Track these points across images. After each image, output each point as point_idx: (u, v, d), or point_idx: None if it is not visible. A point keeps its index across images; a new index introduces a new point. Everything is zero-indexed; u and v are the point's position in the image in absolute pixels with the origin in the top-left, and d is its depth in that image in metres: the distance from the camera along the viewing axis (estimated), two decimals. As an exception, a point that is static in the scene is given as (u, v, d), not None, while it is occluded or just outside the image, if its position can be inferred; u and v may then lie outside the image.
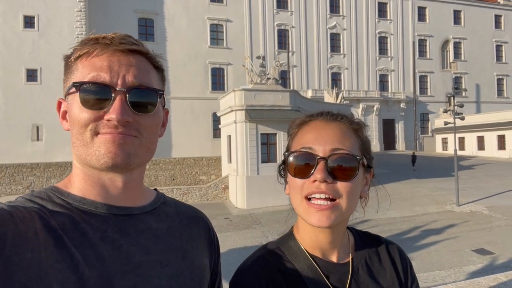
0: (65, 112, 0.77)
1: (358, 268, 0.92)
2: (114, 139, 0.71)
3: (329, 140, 0.84)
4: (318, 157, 0.82)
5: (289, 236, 0.97)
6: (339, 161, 0.82)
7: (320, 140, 0.84)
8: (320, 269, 0.89)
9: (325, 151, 0.83)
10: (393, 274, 0.95)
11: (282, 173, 0.95)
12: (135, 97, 0.73)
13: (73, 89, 0.72)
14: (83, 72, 0.73)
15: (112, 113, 0.70)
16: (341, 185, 0.82)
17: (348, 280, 0.89)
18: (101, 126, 0.71)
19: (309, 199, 0.83)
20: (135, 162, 0.74)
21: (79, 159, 0.75)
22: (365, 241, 1.00)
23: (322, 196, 0.81)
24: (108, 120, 0.71)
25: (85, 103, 0.71)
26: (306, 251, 0.91)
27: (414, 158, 29.03)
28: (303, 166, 0.83)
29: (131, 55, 0.75)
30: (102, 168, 0.73)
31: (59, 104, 0.79)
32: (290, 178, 0.87)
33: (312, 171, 0.81)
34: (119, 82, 0.72)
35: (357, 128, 0.90)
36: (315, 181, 0.81)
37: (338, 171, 0.81)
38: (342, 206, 0.82)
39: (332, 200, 0.81)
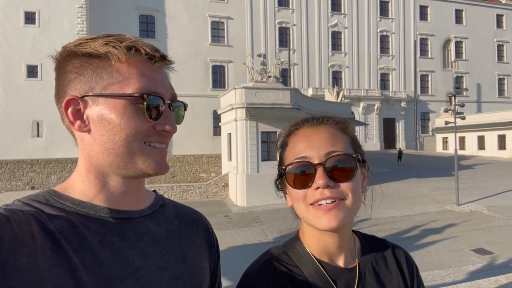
0: (78, 111, 0.72)
1: (364, 273, 0.92)
2: (163, 154, 0.76)
3: (322, 145, 0.84)
4: (315, 164, 0.82)
5: (296, 240, 0.96)
6: (337, 163, 0.82)
7: (312, 147, 0.84)
8: (328, 274, 0.88)
9: (320, 157, 0.83)
10: (400, 278, 0.95)
11: (280, 186, 0.95)
12: (175, 109, 0.78)
13: (130, 97, 0.71)
14: (139, 80, 0.72)
15: (169, 124, 0.74)
16: (344, 186, 0.82)
17: (355, 285, 0.89)
18: (152, 135, 0.73)
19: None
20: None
21: (100, 165, 0.74)
22: (371, 245, 0.99)
23: (329, 201, 0.81)
24: (163, 131, 0.74)
25: (148, 113, 0.72)
26: (313, 255, 0.90)
27: (400, 153, 32.07)
28: (302, 176, 0.83)
29: (163, 67, 0.78)
30: (137, 176, 0.75)
31: (69, 102, 0.72)
32: (291, 190, 0.86)
33: (312, 179, 0.82)
34: (167, 94, 0.76)
35: (344, 127, 0.90)
36: (318, 188, 0.81)
37: (338, 173, 0.82)
38: (348, 204, 0.82)
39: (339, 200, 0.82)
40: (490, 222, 14.88)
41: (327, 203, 0.81)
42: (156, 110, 0.72)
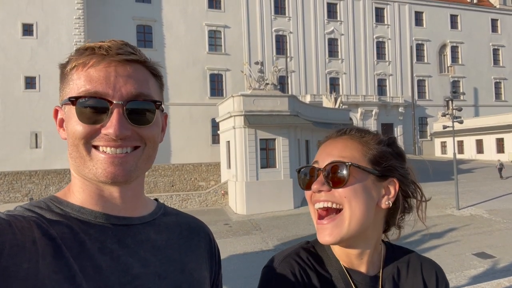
0: (62, 120, 0.76)
1: (385, 283, 0.93)
2: (113, 160, 0.70)
3: (330, 154, 0.90)
4: (317, 169, 0.88)
5: None
6: (332, 170, 0.87)
7: (322, 155, 0.91)
8: (351, 278, 0.90)
9: (324, 164, 0.88)
10: None
11: None
12: (133, 110, 0.71)
13: (69, 102, 0.70)
14: (79, 84, 0.71)
15: (110, 127, 0.69)
16: (339, 192, 0.85)
17: None
18: (98, 139, 0.70)
19: (320, 216, 0.88)
20: (135, 175, 0.74)
21: (76, 169, 0.74)
22: (397, 255, 1.01)
23: (321, 205, 0.86)
24: (106, 134, 0.69)
25: (81, 116, 0.69)
26: (338, 257, 0.94)
27: None
28: (308, 179, 0.91)
29: (128, 64, 0.73)
30: (99, 182, 0.73)
31: (56, 112, 0.77)
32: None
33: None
34: (117, 94, 0.70)
35: (361, 136, 0.92)
36: (315, 192, 0.87)
37: (332, 179, 0.86)
38: (345, 217, 0.84)
39: (338, 210, 0.85)
40: (491, 225, 14.85)
41: (322, 209, 0.86)
42: (90, 113, 0.69)
